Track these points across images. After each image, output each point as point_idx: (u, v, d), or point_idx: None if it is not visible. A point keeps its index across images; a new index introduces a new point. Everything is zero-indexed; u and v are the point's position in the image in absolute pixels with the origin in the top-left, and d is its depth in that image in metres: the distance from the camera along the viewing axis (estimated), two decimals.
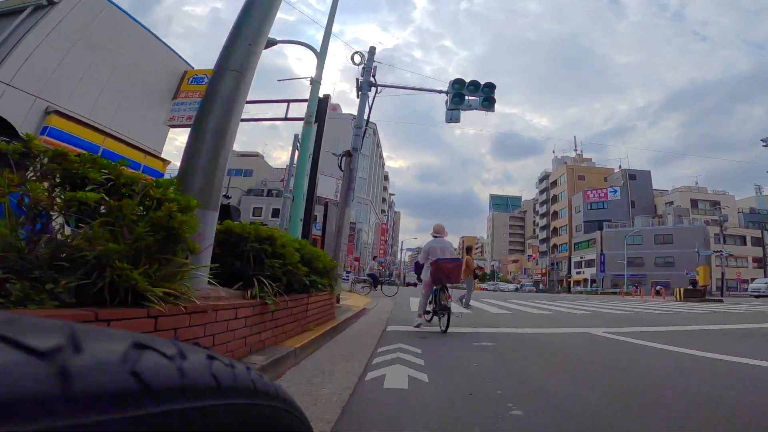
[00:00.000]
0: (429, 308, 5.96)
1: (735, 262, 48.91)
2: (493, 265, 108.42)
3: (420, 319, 5.79)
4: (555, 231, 68.90)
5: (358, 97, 11.48)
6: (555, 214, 69.64)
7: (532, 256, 66.16)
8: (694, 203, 55.24)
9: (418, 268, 6.47)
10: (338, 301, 8.31)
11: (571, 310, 11.29)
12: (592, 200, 59.00)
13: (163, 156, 11.92)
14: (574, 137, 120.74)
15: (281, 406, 0.42)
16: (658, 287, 33.01)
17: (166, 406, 0.27)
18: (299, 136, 12.04)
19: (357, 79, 11.33)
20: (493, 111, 10.75)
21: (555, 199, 70.16)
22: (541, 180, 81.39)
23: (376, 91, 11.56)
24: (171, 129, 14.59)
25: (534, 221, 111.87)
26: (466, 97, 11.11)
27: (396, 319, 6.94)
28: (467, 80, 11.11)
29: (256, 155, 56.72)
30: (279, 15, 4.17)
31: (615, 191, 57.67)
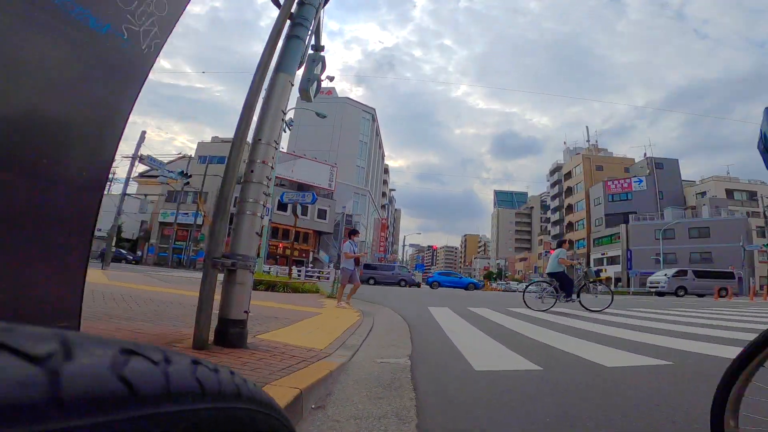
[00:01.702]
0: None
1: None
2: (499, 264, 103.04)
3: None
4: (570, 226, 63.25)
5: None
6: (570, 207, 64.02)
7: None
8: (730, 193, 49.59)
9: None
10: (239, 340, 2.66)
11: None
12: (615, 191, 53.36)
13: None
14: (587, 127, 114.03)
15: (266, 410, 0.42)
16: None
17: (151, 410, 0.27)
18: None
19: None
20: None
21: (570, 191, 64.54)
22: (552, 172, 75.76)
23: None
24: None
25: (541, 217, 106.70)
26: None
27: None
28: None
29: (301, 192, 51.21)
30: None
31: (640, 181, 52.04)
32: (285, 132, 21.54)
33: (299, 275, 15.03)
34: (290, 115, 23.66)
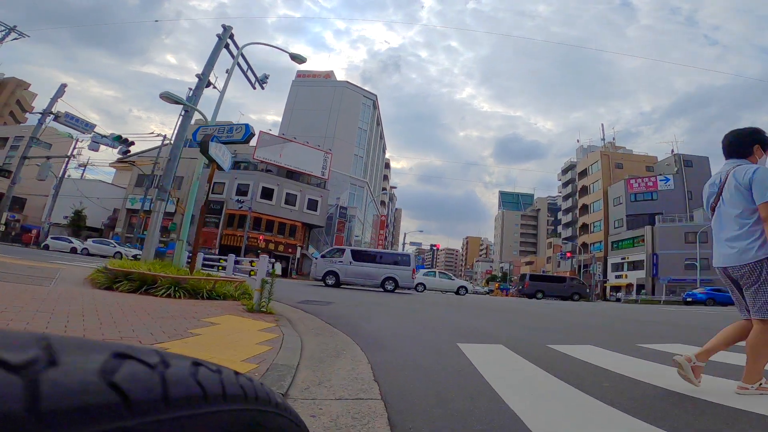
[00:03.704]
0: None
1: None
2: (502, 267, 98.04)
3: None
4: (585, 228, 58.33)
5: None
6: (585, 208, 59.09)
7: (566, 254, 55.31)
8: None
9: None
10: None
11: None
12: (638, 190, 48.45)
13: None
14: (602, 125, 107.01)
15: (275, 410, 0.40)
16: None
17: (148, 417, 0.26)
18: None
19: None
20: None
21: (584, 190, 59.61)
22: (565, 171, 70.89)
23: None
24: None
25: (548, 219, 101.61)
26: None
27: None
28: None
29: (227, 124, 46.27)
30: (284, 11, 4.11)
31: (667, 180, 47.12)
32: (254, 89, 16.72)
33: (224, 269, 10.27)
34: (264, 70, 18.52)
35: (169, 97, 9.23)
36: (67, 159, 36.33)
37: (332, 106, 48.66)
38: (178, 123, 11.36)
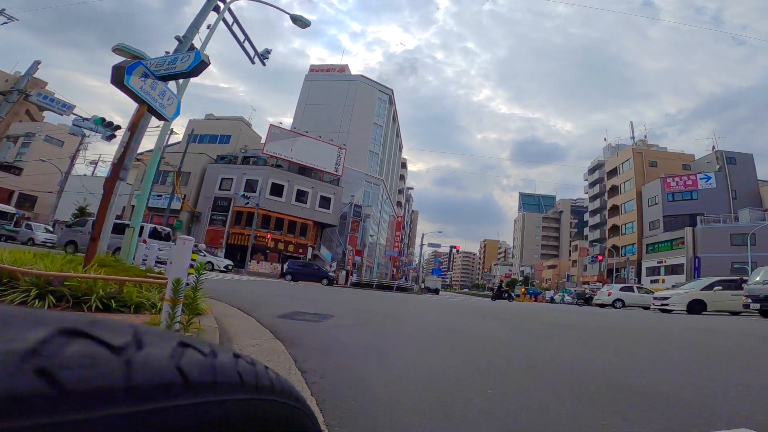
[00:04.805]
0: None
1: None
2: (523, 271, 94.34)
3: None
4: (615, 229, 54.68)
5: None
6: (615, 208, 55.44)
7: (597, 257, 51.78)
8: None
9: None
10: None
11: None
12: (676, 189, 44.76)
13: None
14: (631, 123, 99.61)
15: (294, 404, 0.44)
16: None
17: (199, 398, 0.30)
18: None
19: None
20: None
21: (615, 190, 55.96)
22: (592, 170, 67.18)
23: None
24: None
25: (571, 222, 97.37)
26: None
27: None
28: None
29: (238, 119, 44.73)
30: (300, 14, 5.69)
31: (708, 178, 43.37)
32: (254, 64, 14.58)
33: (145, 261, 8.10)
34: (284, 73, 16.22)
35: (124, 50, 7.10)
36: (73, 155, 35.31)
37: (346, 100, 46.58)
38: None
